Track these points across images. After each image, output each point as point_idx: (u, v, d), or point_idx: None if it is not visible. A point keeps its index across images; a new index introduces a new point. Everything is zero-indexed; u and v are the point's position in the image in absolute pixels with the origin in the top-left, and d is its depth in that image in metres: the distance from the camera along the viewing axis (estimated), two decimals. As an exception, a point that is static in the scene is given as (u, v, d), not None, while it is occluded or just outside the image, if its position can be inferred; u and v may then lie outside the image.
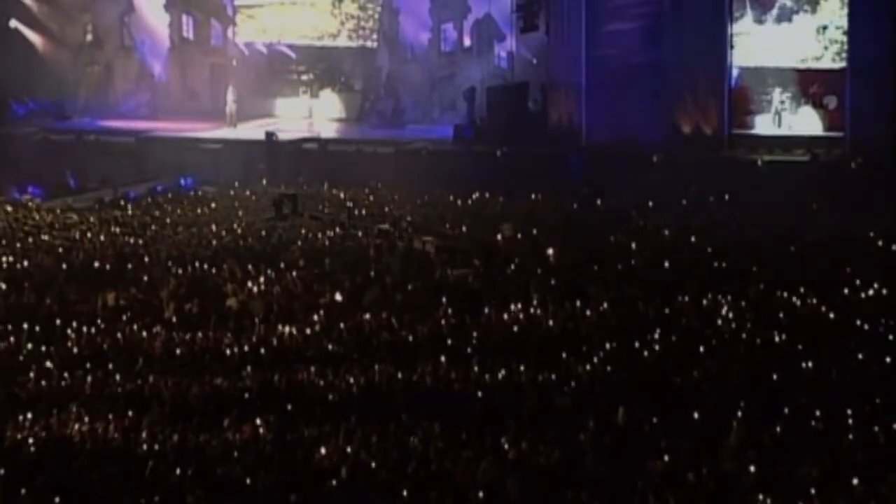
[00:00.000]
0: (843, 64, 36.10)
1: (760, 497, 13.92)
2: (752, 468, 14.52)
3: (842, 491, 14.07)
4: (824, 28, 36.25)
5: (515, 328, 21.26)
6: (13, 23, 47.33)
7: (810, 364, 18.59)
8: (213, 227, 30.57)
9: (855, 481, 14.15)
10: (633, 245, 27.46)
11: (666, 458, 14.87)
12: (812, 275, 23.83)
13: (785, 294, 22.55)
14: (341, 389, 18.13)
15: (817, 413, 16.34)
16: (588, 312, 21.80)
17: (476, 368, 18.75)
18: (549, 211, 32.44)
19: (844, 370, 18.41)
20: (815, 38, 36.32)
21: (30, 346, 20.59)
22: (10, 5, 47.05)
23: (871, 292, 22.63)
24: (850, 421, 16.17)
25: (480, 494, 14.19)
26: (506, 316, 21.82)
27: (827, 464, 14.70)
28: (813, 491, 14.01)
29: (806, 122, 36.78)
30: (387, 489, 14.42)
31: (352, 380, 18.41)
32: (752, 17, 36.68)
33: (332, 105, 46.18)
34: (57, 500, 14.36)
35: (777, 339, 20.05)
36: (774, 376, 18.14)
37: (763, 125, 37.10)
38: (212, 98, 47.90)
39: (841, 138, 35.97)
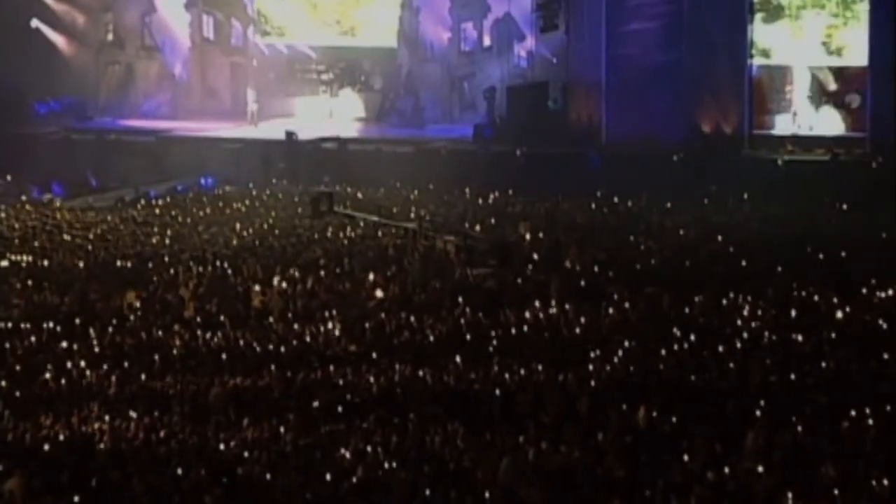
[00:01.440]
0: (864, 63, 36.03)
1: (781, 497, 13.91)
2: (772, 468, 14.52)
3: (863, 491, 14.05)
4: (845, 26, 36.17)
5: (535, 328, 21.28)
6: (35, 22, 47.41)
7: (831, 364, 18.57)
8: (235, 227, 30.64)
9: (875, 482, 14.15)
10: (653, 244, 27.45)
11: (686, 458, 14.87)
12: (832, 274, 23.78)
13: (805, 293, 22.53)
14: (361, 389, 18.17)
15: (838, 413, 16.33)
16: (608, 312, 21.81)
17: (496, 368, 18.77)
18: (568, 210, 32.43)
19: (865, 370, 18.38)
20: (836, 37, 36.23)
21: (51, 344, 20.71)
22: (32, 5, 47.13)
23: (891, 292, 22.59)
24: (871, 421, 16.14)
25: (500, 494, 14.22)
26: (525, 315, 21.84)
27: (848, 464, 14.68)
28: (836, 491, 14.00)
29: (827, 121, 36.70)
30: (406, 488, 14.44)
31: (371, 379, 18.44)
32: (773, 16, 36.68)
33: (351, 104, 46.16)
34: (78, 497, 14.43)
35: (797, 338, 20.02)
36: (794, 376, 18.12)
37: (783, 124, 37.04)
38: (232, 97, 47.97)
39: (862, 138, 35.89)
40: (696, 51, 37.02)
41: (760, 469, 14.54)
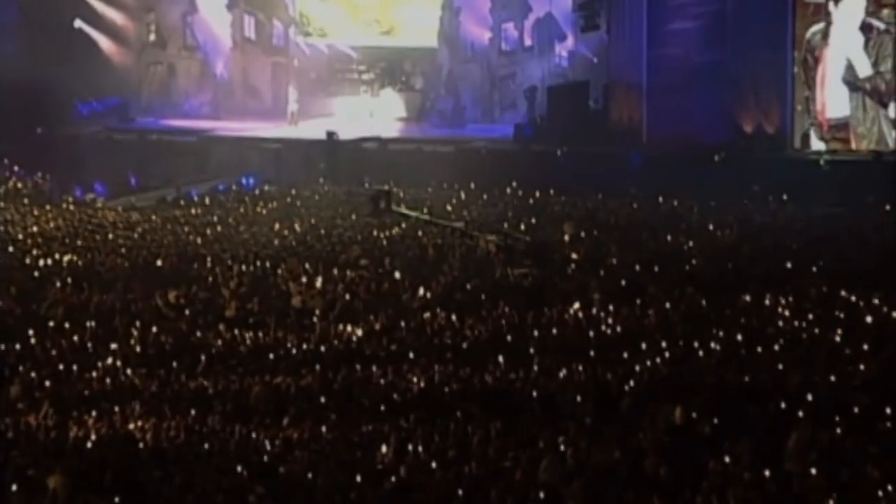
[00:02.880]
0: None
1: (823, 499, 13.83)
2: (813, 469, 14.43)
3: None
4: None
5: (576, 327, 21.24)
6: (78, 23, 47.71)
7: (873, 364, 18.44)
8: (276, 226, 30.73)
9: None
10: (694, 244, 27.36)
11: (727, 458, 14.80)
12: (873, 275, 23.63)
13: (846, 294, 22.39)
14: (401, 388, 18.18)
15: (881, 414, 16.22)
16: (648, 312, 21.76)
17: (536, 368, 18.76)
18: (609, 210, 32.36)
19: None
20: (875, 37, 35.97)
21: (93, 344, 20.82)
22: (76, 5, 47.41)
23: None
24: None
25: (541, 494, 14.19)
26: (566, 315, 21.81)
27: (891, 465, 14.57)
28: (879, 493, 13.91)
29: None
30: (446, 488, 14.44)
31: (412, 379, 18.45)
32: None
33: (392, 104, 46.22)
34: (120, 496, 14.49)
35: (839, 339, 19.90)
36: (836, 376, 18.01)
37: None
38: (273, 97, 48.14)
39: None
40: (739, 50, 36.85)
41: (802, 470, 14.46)
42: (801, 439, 15.29)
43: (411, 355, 19.71)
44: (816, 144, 36.13)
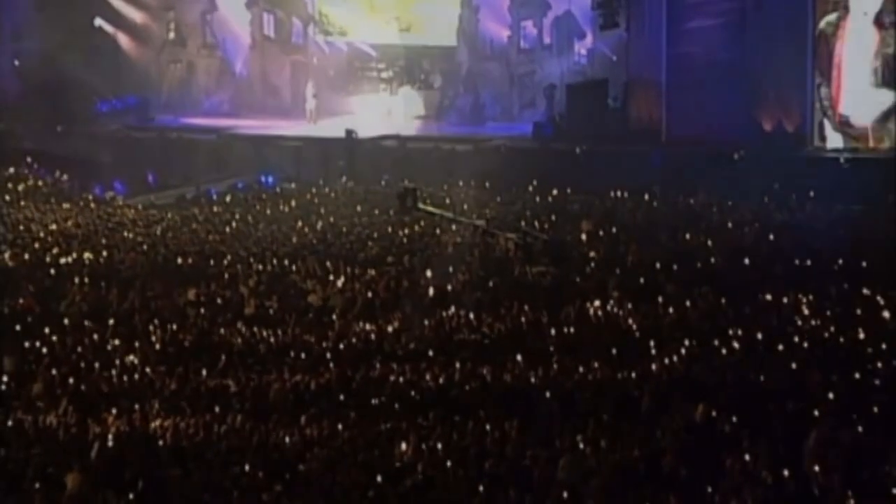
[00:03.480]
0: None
1: (842, 499, 13.79)
2: (833, 469, 14.39)
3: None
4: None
5: (594, 326, 21.23)
6: (98, 21, 47.82)
7: (893, 363, 18.38)
8: (295, 224, 30.76)
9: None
10: (714, 243, 27.29)
11: (746, 457, 14.77)
12: (894, 273, 23.53)
13: (867, 292, 22.32)
14: (420, 387, 18.18)
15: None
16: (667, 310, 21.72)
17: (555, 366, 18.74)
18: (628, 208, 32.30)
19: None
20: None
21: (113, 342, 20.87)
22: (95, 4, 47.53)
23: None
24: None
25: (560, 493, 14.18)
26: (585, 313, 21.79)
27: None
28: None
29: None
30: (464, 487, 14.44)
31: (430, 377, 18.45)
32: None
33: (411, 102, 46.20)
34: (139, 493, 14.53)
35: (859, 337, 19.84)
36: (857, 375, 17.96)
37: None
38: (292, 95, 48.18)
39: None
40: (758, 48, 36.76)
41: (821, 469, 14.42)
42: (820, 438, 15.25)
43: (432, 353, 19.74)
44: (833, 137, 36.06)
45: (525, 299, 22.56)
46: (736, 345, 19.61)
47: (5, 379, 18.95)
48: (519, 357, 19.07)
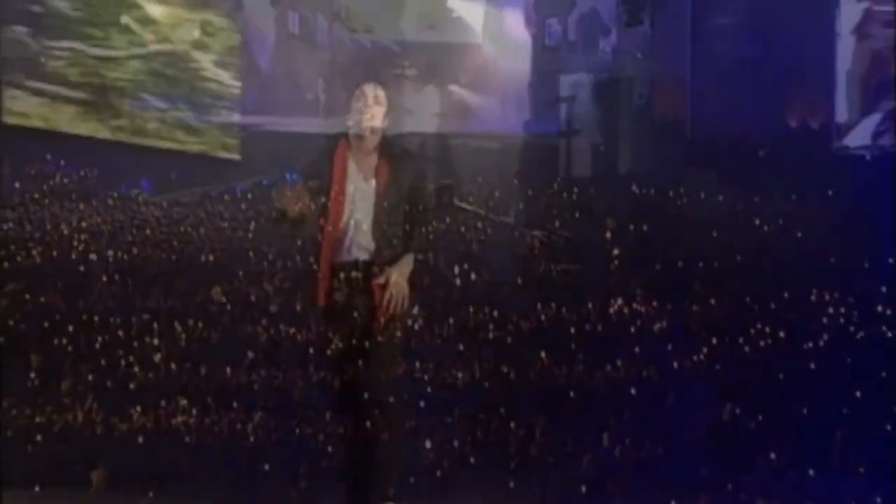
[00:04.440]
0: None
1: (870, 497, 13.75)
2: (860, 468, 14.37)
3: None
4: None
5: (619, 323, 21.19)
6: (124, 19, 47.97)
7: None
8: (319, 221, 30.69)
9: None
10: (739, 240, 27.21)
11: (772, 455, 14.74)
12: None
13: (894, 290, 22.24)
14: (444, 384, 18.17)
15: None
16: (692, 308, 21.66)
17: (579, 365, 18.72)
18: (653, 205, 32.22)
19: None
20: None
21: (138, 338, 20.92)
22: (123, 1, 47.65)
23: None
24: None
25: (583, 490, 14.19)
26: (609, 311, 21.75)
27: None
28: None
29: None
30: (488, 483, 14.44)
31: (455, 374, 18.45)
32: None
33: (435, 99, 46.24)
34: (163, 490, 14.57)
35: (886, 334, 19.75)
36: (884, 373, 17.88)
37: (871, 120, 36.58)
38: (317, 93, 48.25)
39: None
40: (784, 44, 36.64)
41: (849, 467, 14.40)
42: (844, 436, 15.21)
43: (457, 350, 19.73)
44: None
45: (549, 296, 22.54)
46: (762, 342, 19.56)
47: (32, 376, 19.04)
48: (543, 354, 19.06)
